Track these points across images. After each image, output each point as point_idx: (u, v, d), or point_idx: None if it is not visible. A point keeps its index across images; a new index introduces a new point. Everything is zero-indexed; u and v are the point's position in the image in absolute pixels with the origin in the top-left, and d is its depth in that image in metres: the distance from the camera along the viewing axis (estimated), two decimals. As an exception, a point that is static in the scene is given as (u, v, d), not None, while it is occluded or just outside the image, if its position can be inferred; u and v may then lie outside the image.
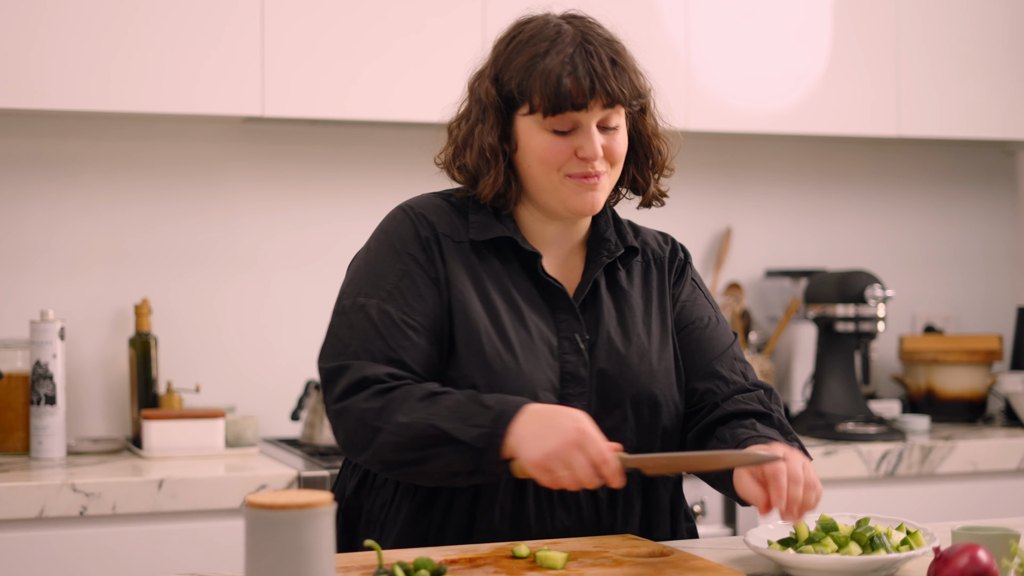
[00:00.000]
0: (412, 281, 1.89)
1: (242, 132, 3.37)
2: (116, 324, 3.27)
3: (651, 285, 2.02)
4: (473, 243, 1.93)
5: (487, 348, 1.87)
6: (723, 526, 3.08)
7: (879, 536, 1.72)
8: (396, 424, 1.79)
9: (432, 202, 1.98)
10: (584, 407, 1.88)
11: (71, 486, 2.63)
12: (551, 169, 1.89)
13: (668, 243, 2.10)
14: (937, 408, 3.65)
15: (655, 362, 1.95)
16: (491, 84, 1.92)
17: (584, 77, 1.85)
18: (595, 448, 1.71)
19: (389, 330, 1.86)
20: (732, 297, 3.68)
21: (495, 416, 1.76)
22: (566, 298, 1.93)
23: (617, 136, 1.91)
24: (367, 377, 1.83)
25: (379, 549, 1.61)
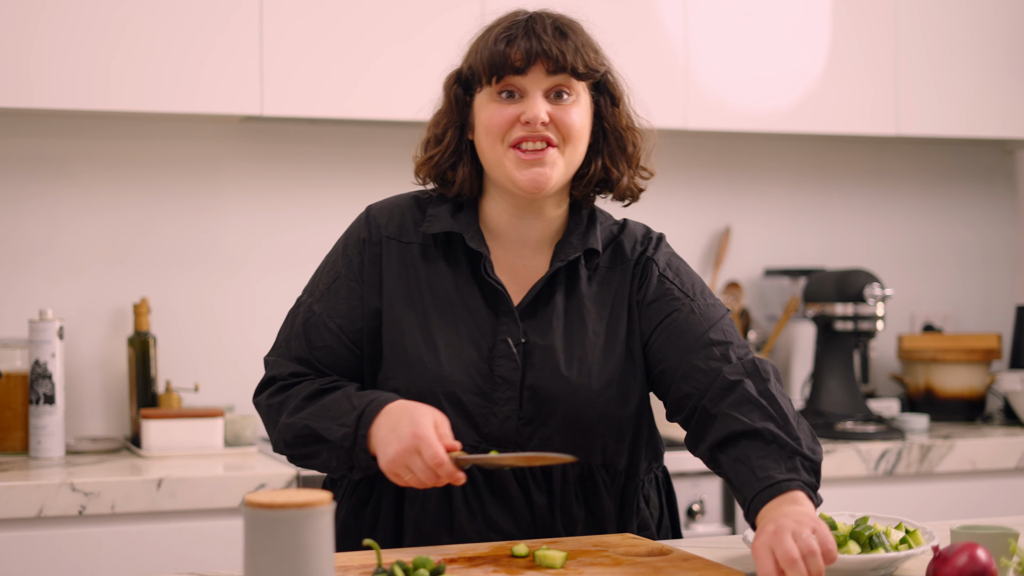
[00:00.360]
0: (341, 283, 1.95)
1: (241, 131, 3.37)
2: (115, 323, 3.27)
3: (610, 291, 1.95)
4: (423, 244, 1.94)
5: (410, 350, 1.88)
6: (722, 525, 3.08)
7: (878, 535, 1.72)
8: (282, 423, 1.89)
9: (395, 202, 2.00)
10: (513, 412, 1.87)
11: (70, 485, 2.63)
12: (496, 139, 1.88)
13: (644, 243, 2.01)
14: (936, 407, 3.65)
15: (595, 376, 1.90)
16: (453, 75, 1.96)
17: (522, 39, 1.86)
18: (429, 452, 1.72)
19: (309, 330, 1.94)
20: (731, 296, 3.69)
21: (357, 416, 1.81)
22: (507, 301, 1.91)
23: (571, 109, 1.89)
24: (274, 376, 1.95)
25: (378, 549, 1.61)
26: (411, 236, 1.95)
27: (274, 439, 1.92)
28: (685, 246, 3.75)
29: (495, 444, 1.88)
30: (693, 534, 3.03)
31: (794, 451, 1.76)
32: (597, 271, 1.97)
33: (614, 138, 1.97)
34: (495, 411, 1.88)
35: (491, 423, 1.88)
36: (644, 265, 1.98)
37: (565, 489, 1.91)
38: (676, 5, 3.36)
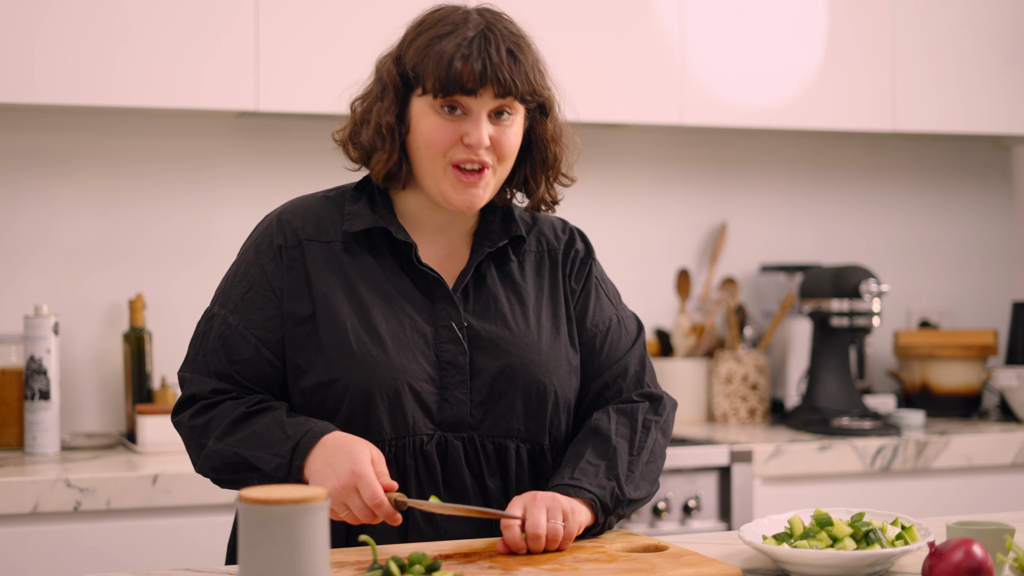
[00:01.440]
0: (256, 293, 1.91)
1: (236, 127, 3.36)
2: (110, 319, 3.27)
3: (543, 276, 2.00)
4: (344, 241, 1.92)
5: (355, 346, 1.86)
6: (718, 521, 3.08)
7: (874, 531, 1.72)
8: (210, 449, 1.86)
9: (305, 203, 1.98)
10: (464, 397, 1.88)
11: (65, 481, 2.63)
12: (436, 154, 1.87)
13: (566, 232, 2.05)
14: (932, 403, 3.65)
15: (545, 353, 1.93)
16: (393, 63, 1.92)
17: (476, 61, 1.84)
18: (368, 492, 1.72)
19: (227, 343, 1.90)
20: (727, 292, 3.69)
21: (292, 447, 1.79)
22: (444, 287, 1.92)
23: (509, 130, 1.89)
24: (194, 394, 1.90)
25: (374, 544, 1.61)
26: (331, 235, 1.93)
27: (199, 464, 1.89)
28: (681, 242, 3.75)
29: (450, 429, 1.87)
30: (689, 530, 3.03)
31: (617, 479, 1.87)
32: (526, 257, 2.00)
33: (538, 150, 1.96)
34: (447, 397, 1.87)
35: (444, 409, 1.87)
36: (579, 259, 2.03)
37: (520, 472, 1.92)
38: (672, 0, 3.36)
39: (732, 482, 3.07)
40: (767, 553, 1.72)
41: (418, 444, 1.86)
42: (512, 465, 1.91)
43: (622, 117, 3.38)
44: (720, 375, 3.56)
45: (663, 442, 1.96)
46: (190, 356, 1.94)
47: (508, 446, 1.90)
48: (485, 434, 1.89)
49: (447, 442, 1.87)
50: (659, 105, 3.36)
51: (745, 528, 1.80)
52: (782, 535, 1.76)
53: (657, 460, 1.94)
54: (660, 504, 3.01)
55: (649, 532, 2.99)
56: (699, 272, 3.76)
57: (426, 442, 1.86)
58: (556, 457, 1.96)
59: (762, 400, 3.55)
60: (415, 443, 1.86)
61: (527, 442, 1.91)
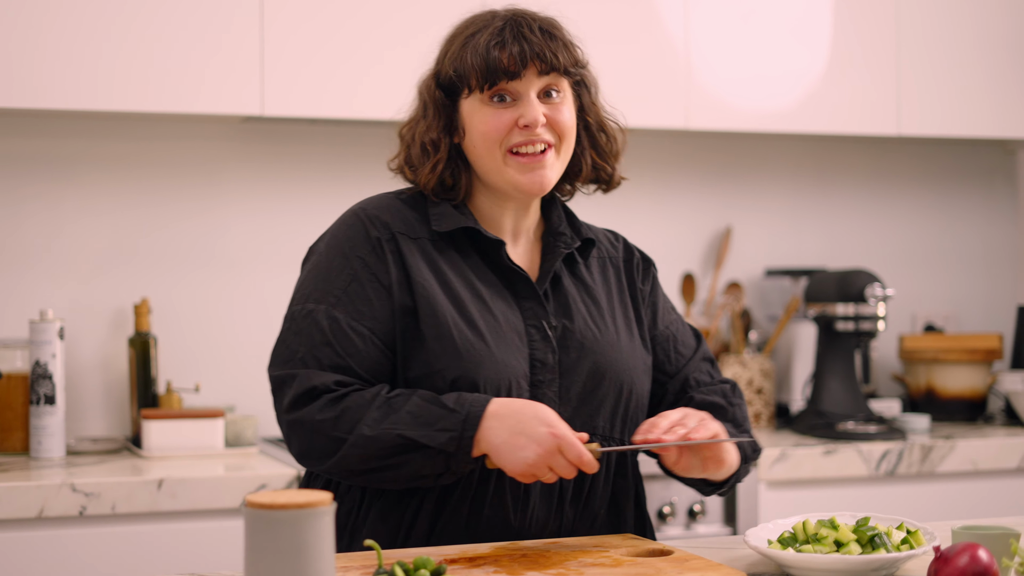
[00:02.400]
0: (360, 286, 1.88)
1: (241, 132, 3.37)
2: (115, 324, 3.27)
3: (610, 282, 2.03)
4: (432, 239, 1.93)
5: (458, 339, 1.85)
6: (723, 525, 3.08)
7: (879, 535, 1.72)
8: (362, 437, 1.78)
9: (385, 202, 1.98)
10: (554, 394, 1.89)
11: (70, 486, 2.63)
12: (494, 144, 1.89)
13: (619, 241, 2.11)
14: (937, 407, 3.65)
15: (625, 352, 1.96)
16: (432, 79, 1.95)
17: (513, 45, 1.86)
18: (574, 451, 1.75)
19: (337, 336, 1.85)
20: (732, 296, 3.68)
21: (462, 419, 1.77)
22: (530, 286, 1.93)
23: (561, 107, 1.91)
24: (315, 387, 1.83)
25: (379, 549, 1.61)
26: (418, 232, 1.93)
27: (336, 456, 1.80)
28: (686, 246, 3.75)
29: None
30: (694, 534, 3.03)
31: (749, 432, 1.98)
32: (591, 261, 2.03)
33: (596, 131, 2.00)
34: (537, 395, 1.88)
35: None
36: (643, 266, 2.09)
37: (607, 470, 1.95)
38: (677, 5, 3.36)
39: (737, 486, 3.06)
40: (772, 558, 1.72)
41: None
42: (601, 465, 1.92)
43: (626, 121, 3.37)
44: (725, 379, 3.55)
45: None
46: (286, 355, 1.88)
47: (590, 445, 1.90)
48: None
49: None
50: (664, 109, 3.37)
51: (750, 532, 1.81)
52: (787, 539, 1.76)
53: None
54: (665, 508, 3.01)
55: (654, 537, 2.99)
56: (704, 276, 3.76)
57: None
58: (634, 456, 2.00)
59: (767, 404, 3.55)
60: None
61: (610, 440, 1.94)
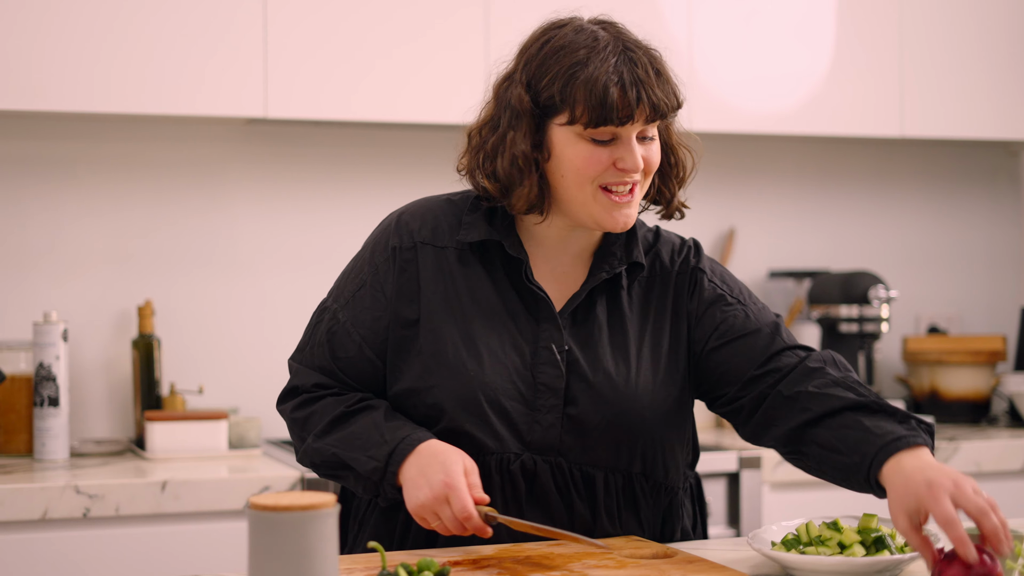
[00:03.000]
0: (366, 292, 1.90)
1: (245, 133, 3.37)
2: (119, 326, 3.27)
3: (651, 302, 1.94)
4: (459, 249, 1.89)
5: (451, 356, 1.85)
6: (727, 527, 3.07)
7: (883, 537, 1.72)
8: (309, 446, 1.88)
9: (426, 206, 1.95)
10: (556, 421, 1.85)
11: (74, 488, 2.63)
12: (586, 180, 1.82)
13: (682, 251, 1.99)
14: (941, 409, 3.64)
15: (642, 387, 1.88)
16: (524, 90, 1.84)
17: (631, 89, 1.78)
18: (459, 504, 1.73)
19: (333, 338, 1.91)
20: (735, 298, 3.68)
21: (389, 452, 1.80)
22: (549, 307, 1.88)
23: (653, 146, 1.86)
24: (297, 386, 1.93)
25: (382, 551, 1.61)
26: (446, 240, 1.90)
27: (299, 455, 1.92)
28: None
29: (537, 452, 1.85)
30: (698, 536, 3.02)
31: (906, 415, 1.77)
32: (637, 281, 1.95)
33: (667, 155, 1.93)
34: (538, 419, 1.85)
35: (534, 431, 1.85)
36: (692, 275, 1.96)
37: (608, 499, 1.89)
38: (680, 6, 3.36)
39: (741, 488, 3.06)
40: (776, 559, 1.72)
41: (504, 462, 1.85)
42: (600, 493, 1.89)
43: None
44: (728, 381, 3.55)
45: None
46: (300, 345, 1.97)
47: (596, 475, 1.88)
48: (573, 461, 1.87)
49: (535, 464, 1.85)
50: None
51: (754, 534, 1.80)
52: (791, 541, 1.76)
53: None
54: (669, 510, 3.01)
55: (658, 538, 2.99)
56: (707, 278, 3.76)
57: (512, 461, 1.85)
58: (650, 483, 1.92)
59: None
60: (501, 461, 1.85)
61: (616, 472, 1.89)
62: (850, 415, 1.79)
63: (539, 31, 1.88)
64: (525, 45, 1.89)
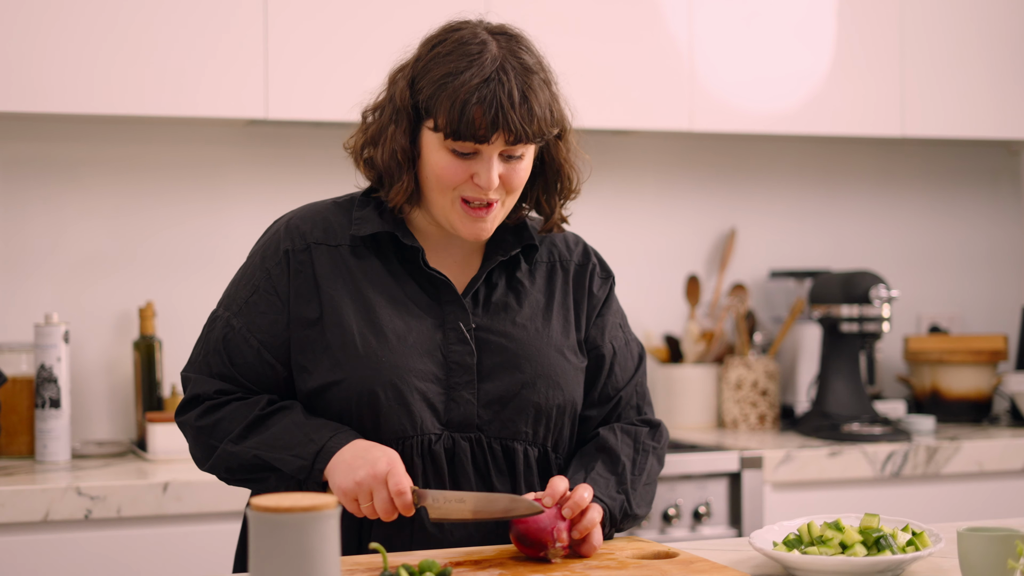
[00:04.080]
0: (260, 297, 1.93)
1: (246, 135, 3.37)
2: (120, 327, 3.27)
3: (555, 285, 2.00)
4: (352, 245, 1.93)
5: (360, 346, 1.87)
6: (728, 527, 3.07)
7: (885, 537, 1.72)
8: (225, 451, 1.88)
9: (314, 209, 1.99)
10: (471, 396, 1.88)
11: (76, 489, 2.63)
12: (446, 188, 1.87)
13: (579, 245, 2.05)
14: (942, 408, 3.64)
15: (554, 356, 1.93)
16: (407, 86, 1.89)
17: (488, 110, 1.80)
18: (395, 480, 1.75)
19: (228, 345, 1.92)
20: (736, 298, 3.68)
21: (317, 451, 1.81)
22: (452, 290, 1.92)
23: (519, 165, 1.88)
24: (199, 394, 1.93)
25: (384, 552, 1.61)
26: (339, 239, 1.94)
27: (210, 463, 1.91)
28: (690, 248, 3.75)
29: (456, 430, 1.88)
30: (699, 536, 3.03)
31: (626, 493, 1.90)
32: (536, 266, 1.99)
33: (551, 173, 1.96)
34: (454, 396, 1.88)
35: (452, 410, 1.88)
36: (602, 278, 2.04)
37: (528, 473, 1.92)
38: (681, 6, 3.36)
39: (742, 488, 3.06)
40: (778, 560, 1.72)
41: (426, 444, 1.87)
42: (520, 467, 1.91)
43: (631, 123, 3.38)
44: (730, 381, 3.55)
45: (658, 468, 1.99)
46: (193, 357, 1.97)
47: (516, 448, 1.90)
48: (493, 436, 1.89)
49: (454, 442, 1.88)
50: (668, 111, 3.36)
51: (755, 534, 1.81)
52: (793, 541, 1.76)
53: (652, 484, 1.97)
54: (670, 511, 3.01)
55: (659, 539, 2.99)
56: (708, 278, 3.76)
57: (434, 442, 1.87)
58: (560, 462, 1.96)
59: (772, 406, 3.54)
60: (423, 442, 1.87)
61: (534, 446, 1.92)
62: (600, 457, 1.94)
63: (438, 29, 1.93)
64: (423, 40, 1.94)
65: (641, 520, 1.94)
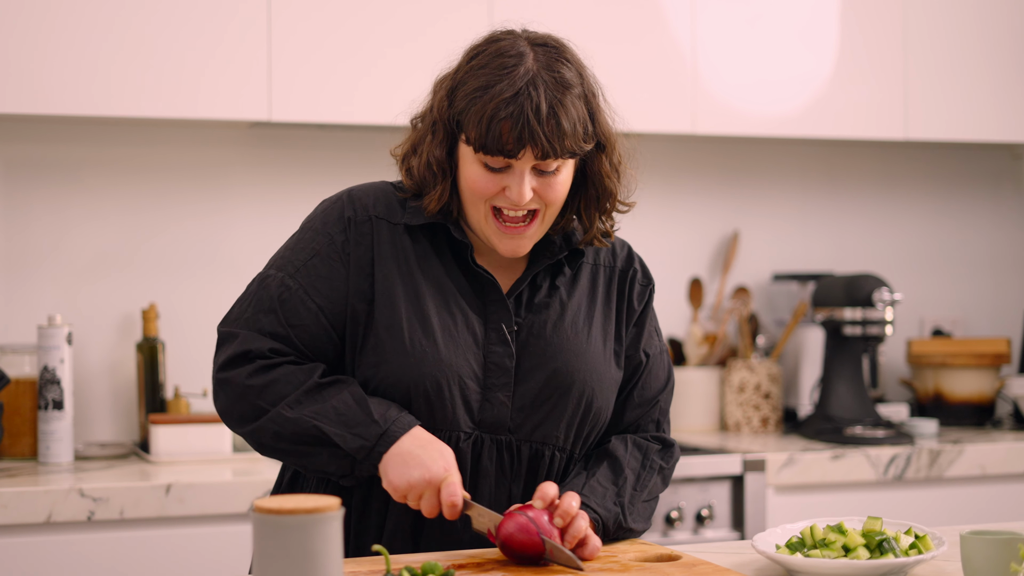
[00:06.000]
0: (321, 261, 1.88)
1: (249, 136, 3.37)
2: (123, 329, 3.27)
3: (597, 291, 1.98)
4: (409, 227, 1.91)
5: (407, 332, 1.85)
6: (731, 530, 3.07)
7: (887, 540, 1.72)
8: (280, 415, 1.81)
9: (376, 186, 1.97)
10: (506, 398, 1.87)
11: (79, 491, 2.64)
12: (478, 200, 1.86)
13: (624, 250, 2.04)
14: (945, 411, 3.64)
15: (591, 364, 1.92)
16: (445, 97, 1.88)
17: (516, 125, 1.79)
18: (448, 490, 1.75)
19: (284, 305, 1.86)
20: (739, 301, 3.68)
21: (380, 433, 1.79)
22: (497, 289, 1.91)
23: (555, 179, 1.85)
24: (250, 351, 1.84)
25: (386, 554, 1.61)
26: (398, 218, 1.92)
27: (253, 425, 1.83)
28: (693, 251, 3.75)
29: (488, 430, 1.87)
30: (702, 539, 3.03)
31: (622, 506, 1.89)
32: (581, 268, 1.98)
33: (591, 186, 1.93)
34: (489, 397, 1.87)
35: (485, 409, 1.87)
36: (643, 286, 2.03)
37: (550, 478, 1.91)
38: (684, 9, 3.36)
39: (745, 491, 3.06)
40: (780, 562, 1.72)
41: (454, 440, 1.85)
42: (543, 472, 1.90)
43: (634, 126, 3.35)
44: (733, 384, 3.55)
45: (661, 488, 1.98)
46: (235, 313, 1.89)
47: (544, 452, 1.90)
48: (523, 438, 1.89)
49: (482, 443, 1.87)
50: (671, 114, 3.37)
51: (758, 537, 1.80)
52: (795, 544, 1.76)
53: (652, 501, 1.96)
54: (673, 513, 3.01)
55: (662, 541, 2.99)
56: (711, 281, 3.76)
57: (463, 439, 1.86)
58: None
59: (775, 409, 3.54)
60: (452, 439, 1.85)
61: (562, 451, 1.92)
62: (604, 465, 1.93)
63: (479, 40, 1.91)
64: (468, 48, 1.92)
65: (638, 535, 1.93)
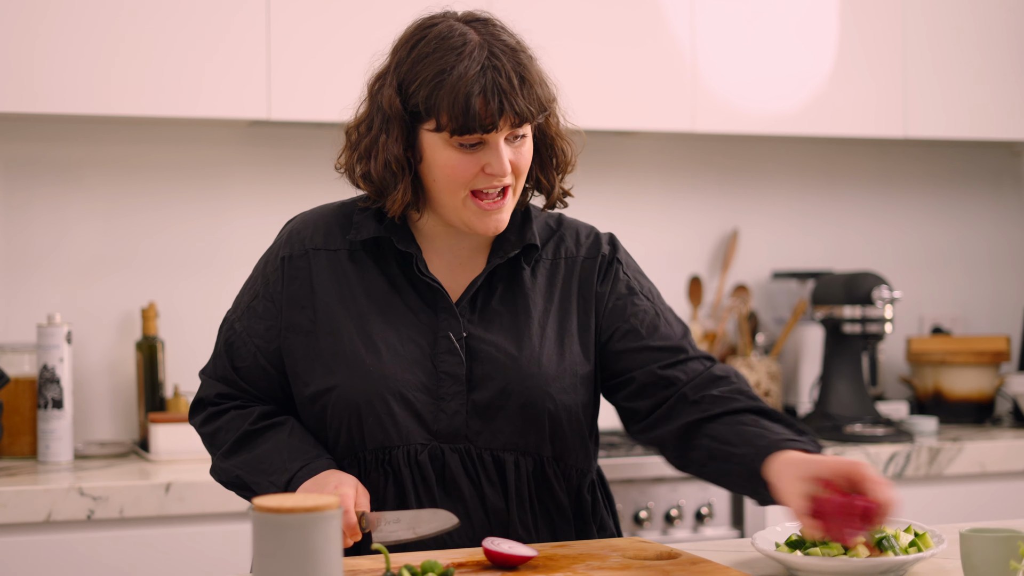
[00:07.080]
0: (259, 303, 1.96)
1: (248, 135, 3.37)
2: (123, 328, 3.27)
3: (556, 285, 1.96)
4: (351, 250, 1.93)
5: (350, 354, 1.88)
6: (730, 528, 3.07)
7: (887, 538, 1.72)
8: (216, 465, 1.97)
9: (318, 213, 2.00)
10: (461, 407, 1.87)
11: (78, 490, 2.64)
12: (457, 186, 1.85)
13: (590, 238, 2.01)
14: (945, 409, 3.64)
15: (545, 366, 1.90)
16: (395, 93, 1.87)
17: (492, 98, 1.80)
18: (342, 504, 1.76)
19: (230, 348, 1.97)
20: (739, 299, 3.68)
21: (288, 479, 1.85)
22: (445, 298, 1.90)
23: (523, 147, 1.87)
24: (203, 399, 2.00)
25: (386, 552, 1.61)
26: (338, 243, 1.94)
27: (211, 470, 1.99)
28: (693, 249, 3.75)
29: (445, 440, 1.87)
30: (702, 537, 3.03)
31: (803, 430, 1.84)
32: (539, 264, 1.97)
33: (545, 147, 1.95)
34: (443, 407, 1.87)
35: (440, 419, 1.87)
36: (604, 262, 1.99)
37: (519, 483, 1.90)
38: (683, 7, 3.36)
39: (744, 489, 3.06)
40: (780, 561, 1.72)
41: (412, 453, 1.87)
42: (511, 477, 1.90)
43: (633, 124, 3.38)
44: (732, 382, 3.55)
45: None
46: (211, 358, 2.03)
47: (506, 459, 1.89)
48: (483, 446, 1.88)
49: (443, 453, 1.87)
50: (670, 112, 3.37)
51: (758, 535, 1.81)
52: (795, 542, 1.76)
53: None
54: (672, 511, 3.01)
55: (662, 539, 2.99)
56: (711, 279, 3.76)
57: (419, 451, 1.87)
58: (561, 467, 1.93)
59: (774, 407, 3.54)
60: (408, 452, 1.87)
61: (526, 455, 1.90)
62: (750, 416, 1.86)
63: (410, 29, 1.91)
64: (397, 44, 1.91)
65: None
